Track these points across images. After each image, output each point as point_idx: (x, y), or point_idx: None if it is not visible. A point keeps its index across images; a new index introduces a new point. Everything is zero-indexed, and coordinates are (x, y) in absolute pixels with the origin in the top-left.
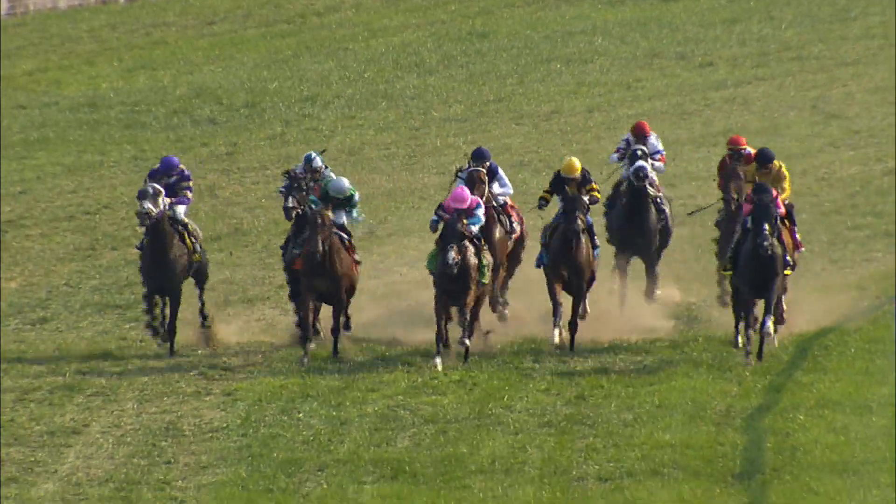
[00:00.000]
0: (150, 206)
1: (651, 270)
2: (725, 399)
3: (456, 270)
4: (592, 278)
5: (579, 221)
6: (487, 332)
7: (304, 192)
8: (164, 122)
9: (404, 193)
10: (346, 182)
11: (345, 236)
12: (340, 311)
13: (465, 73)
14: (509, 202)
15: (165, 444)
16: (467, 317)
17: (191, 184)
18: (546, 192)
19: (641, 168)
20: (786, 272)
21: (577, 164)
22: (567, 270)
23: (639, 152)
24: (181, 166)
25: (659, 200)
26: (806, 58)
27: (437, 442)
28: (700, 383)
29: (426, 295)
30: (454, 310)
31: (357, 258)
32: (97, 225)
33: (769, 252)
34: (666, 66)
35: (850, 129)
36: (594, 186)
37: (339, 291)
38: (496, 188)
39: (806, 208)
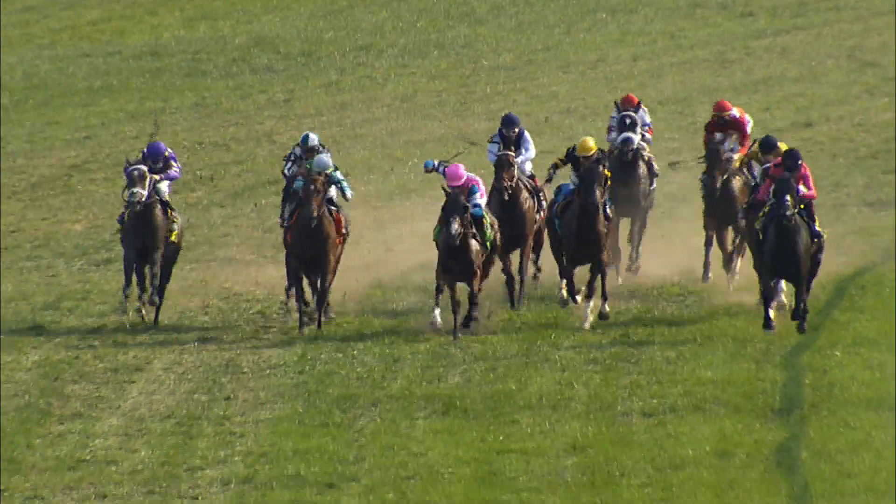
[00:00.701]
0: (139, 190)
1: (638, 231)
2: (765, 337)
3: (458, 242)
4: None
5: (598, 194)
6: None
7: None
8: (223, 70)
9: (455, 139)
10: (328, 159)
11: (332, 208)
12: (325, 282)
13: (514, 23)
14: (536, 177)
15: (225, 380)
16: (477, 295)
17: (178, 163)
18: (560, 159)
19: (628, 140)
20: (814, 245)
21: (592, 143)
22: (585, 247)
23: (626, 120)
24: (167, 152)
25: (652, 164)
26: (843, 8)
27: (486, 379)
28: (740, 322)
29: None
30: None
31: (343, 231)
32: None
33: (792, 223)
34: (708, 15)
35: (886, 77)
36: (607, 172)
37: (325, 256)
38: (522, 155)
39: (842, 153)
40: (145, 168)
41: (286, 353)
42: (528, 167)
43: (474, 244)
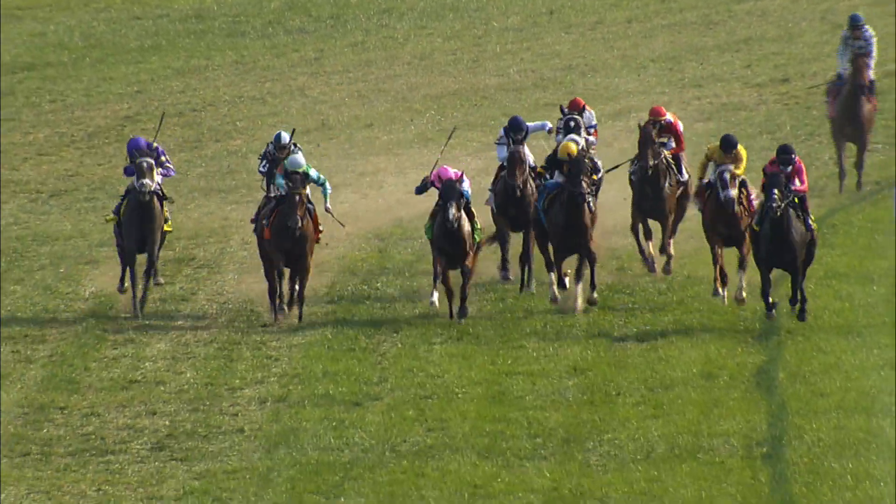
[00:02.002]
0: (149, 181)
1: None
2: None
3: (456, 226)
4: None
5: (584, 185)
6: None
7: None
8: (260, 31)
9: (468, 93)
10: (301, 158)
11: (311, 206)
12: (304, 275)
13: None
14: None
15: (262, 309)
16: (468, 281)
17: (167, 157)
18: (542, 167)
19: (572, 140)
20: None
21: (574, 146)
22: (572, 237)
23: (571, 123)
24: (155, 144)
25: (596, 162)
26: None
27: (496, 308)
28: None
29: (487, 181)
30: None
31: (321, 228)
32: (202, 120)
33: (779, 214)
34: None
35: None
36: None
37: (303, 252)
38: (526, 149)
39: (816, 106)
40: (152, 160)
41: (317, 285)
42: (533, 163)
43: (466, 227)
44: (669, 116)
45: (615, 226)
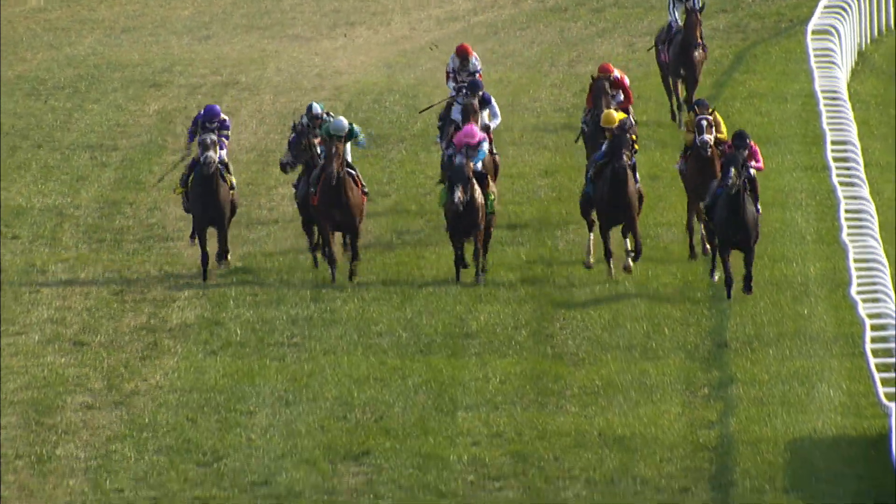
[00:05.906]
0: (213, 154)
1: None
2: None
3: (461, 208)
4: (640, 207)
5: (625, 158)
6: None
7: (303, 148)
8: None
9: None
10: (343, 121)
11: (353, 172)
12: (355, 238)
13: None
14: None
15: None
16: (482, 253)
17: (229, 132)
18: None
19: (475, 84)
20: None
21: (615, 114)
22: (617, 209)
23: (472, 78)
24: (223, 115)
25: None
26: None
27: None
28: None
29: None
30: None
31: (365, 190)
32: None
33: (734, 191)
34: None
35: None
36: (634, 138)
37: (352, 220)
38: (485, 115)
39: None
40: (214, 136)
41: (336, 105)
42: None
43: (479, 200)
44: (617, 73)
45: None
